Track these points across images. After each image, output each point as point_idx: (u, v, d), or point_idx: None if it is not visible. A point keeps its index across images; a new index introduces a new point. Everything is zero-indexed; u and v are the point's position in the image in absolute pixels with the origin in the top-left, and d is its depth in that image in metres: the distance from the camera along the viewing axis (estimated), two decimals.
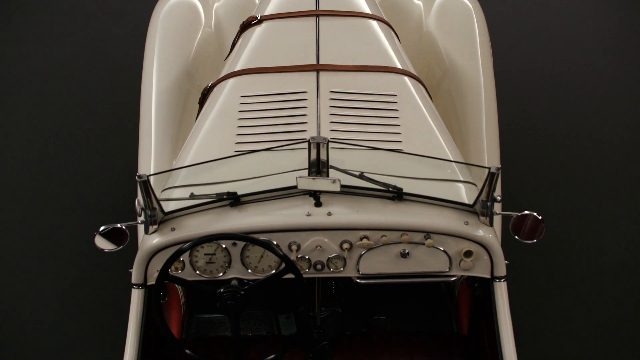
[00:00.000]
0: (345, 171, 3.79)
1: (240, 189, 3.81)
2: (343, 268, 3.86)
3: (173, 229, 3.77)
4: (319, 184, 3.67)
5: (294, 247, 3.77)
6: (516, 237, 3.81)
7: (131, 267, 3.83)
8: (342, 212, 3.76)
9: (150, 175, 3.63)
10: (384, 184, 3.79)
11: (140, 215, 3.76)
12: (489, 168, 3.59)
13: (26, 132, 7.01)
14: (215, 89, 4.82)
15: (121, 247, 3.80)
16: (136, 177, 3.55)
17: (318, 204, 3.77)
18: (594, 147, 6.85)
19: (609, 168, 6.68)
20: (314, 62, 4.74)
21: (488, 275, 3.88)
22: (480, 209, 3.76)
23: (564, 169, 6.67)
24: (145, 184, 3.57)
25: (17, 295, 5.87)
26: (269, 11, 5.29)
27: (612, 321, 5.70)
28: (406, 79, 4.77)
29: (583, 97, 7.28)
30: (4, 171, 6.69)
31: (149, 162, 4.69)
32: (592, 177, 6.61)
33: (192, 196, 3.80)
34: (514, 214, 3.75)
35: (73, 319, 5.72)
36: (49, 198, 6.47)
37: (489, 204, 3.71)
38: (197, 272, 3.81)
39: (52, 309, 5.79)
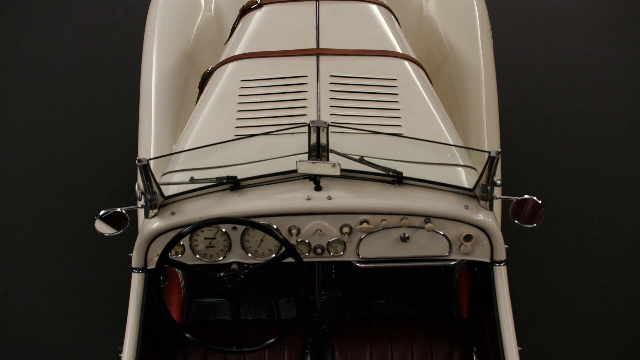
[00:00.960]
0: (345, 155, 3.79)
1: (240, 173, 3.81)
2: (343, 252, 3.87)
3: (173, 213, 3.77)
4: (319, 167, 3.67)
5: (294, 231, 3.78)
6: (516, 221, 3.81)
7: (131, 252, 3.84)
8: (342, 196, 3.76)
9: (150, 159, 3.63)
10: (384, 168, 3.79)
11: (140, 200, 3.76)
12: (489, 152, 3.58)
13: (26, 117, 7.00)
14: (215, 74, 4.82)
15: (121, 231, 3.79)
16: (136, 161, 3.55)
17: (318, 188, 3.77)
18: (594, 131, 6.84)
19: (609, 152, 6.68)
20: (314, 46, 4.73)
21: (488, 260, 3.88)
22: (480, 193, 3.76)
23: (564, 153, 6.67)
24: (145, 168, 3.57)
25: (16, 280, 5.87)
26: None
27: (612, 305, 5.71)
28: (406, 63, 4.77)
29: (583, 81, 7.28)
30: (3, 155, 6.69)
31: (148, 146, 4.68)
32: (592, 162, 6.61)
33: (192, 180, 3.80)
34: (514, 198, 3.76)
35: (73, 304, 5.72)
36: (49, 182, 6.47)
37: (488, 188, 3.71)
38: (197, 256, 3.82)
39: (52, 293, 5.79)
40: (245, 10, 5.26)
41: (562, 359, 5.42)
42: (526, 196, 3.75)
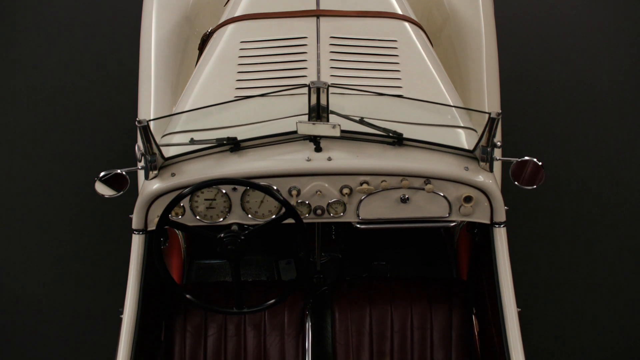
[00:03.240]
0: (345, 116, 3.79)
1: (240, 134, 3.81)
2: (343, 213, 3.87)
3: (173, 175, 3.77)
4: (319, 129, 3.67)
5: (294, 192, 3.78)
6: (516, 183, 3.81)
7: (131, 213, 3.84)
8: (342, 157, 3.76)
9: (150, 120, 3.62)
10: (384, 129, 3.79)
11: (140, 161, 3.76)
12: (489, 113, 3.58)
13: (26, 80, 6.98)
14: (214, 35, 4.80)
15: (121, 192, 3.80)
16: (136, 123, 3.54)
17: (318, 149, 3.77)
18: (595, 93, 6.82)
19: (609, 114, 6.67)
20: (314, 7, 4.71)
21: (487, 221, 3.89)
22: (480, 155, 3.76)
23: (565, 115, 6.66)
24: (145, 129, 3.56)
25: (16, 243, 5.89)
26: None
27: (612, 266, 5.72)
28: (407, 24, 4.75)
29: (584, 43, 7.24)
30: (3, 117, 6.68)
31: (148, 108, 4.68)
32: (592, 123, 6.60)
33: (192, 141, 3.79)
34: (514, 159, 3.76)
35: (73, 266, 5.74)
36: (49, 144, 6.46)
37: (489, 149, 3.71)
38: (198, 217, 3.82)
39: (52, 256, 5.81)
40: None
41: (561, 320, 5.44)
42: (526, 158, 3.75)
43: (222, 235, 3.58)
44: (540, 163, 3.75)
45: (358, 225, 3.94)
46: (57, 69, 7.04)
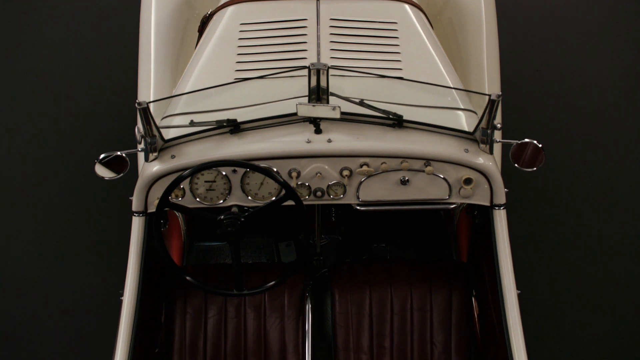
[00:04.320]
0: (345, 98, 3.78)
1: (240, 116, 3.81)
2: (343, 195, 3.87)
3: (173, 157, 3.77)
4: (319, 110, 3.67)
5: (294, 174, 3.78)
6: (516, 165, 3.81)
7: (131, 195, 3.84)
8: (342, 139, 3.76)
9: (150, 102, 3.62)
10: (384, 111, 3.78)
11: (140, 143, 3.76)
12: (490, 95, 3.57)
13: (26, 62, 6.97)
14: (214, 17, 4.79)
15: (121, 175, 3.80)
16: (136, 104, 3.53)
17: (318, 131, 3.77)
18: (596, 76, 6.82)
19: (609, 96, 6.66)
20: None
21: (487, 203, 3.89)
22: (480, 137, 3.76)
23: (565, 97, 6.65)
24: (145, 111, 3.55)
25: (16, 225, 5.89)
26: None
27: (613, 249, 5.73)
28: (407, 7, 4.74)
29: (586, 25, 7.23)
30: (2, 99, 6.67)
31: (148, 90, 4.67)
32: (592, 106, 6.59)
33: (192, 123, 3.79)
34: (514, 141, 3.75)
35: (74, 248, 5.75)
36: (49, 127, 6.45)
37: (489, 131, 3.70)
38: (197, 199, 3.83)
39: (52, 238, 5.81)
40: None
41: (561, 302, 5.45)
42: (526, 140, 3.75)
43: (222, 217, 3.58)
44: (540, 145, 3.74)
45: (358, 207, 3.94)
46: (56, 51, 7.02)
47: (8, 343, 5.35)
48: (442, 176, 3.81)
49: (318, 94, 3.70)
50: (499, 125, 3.68)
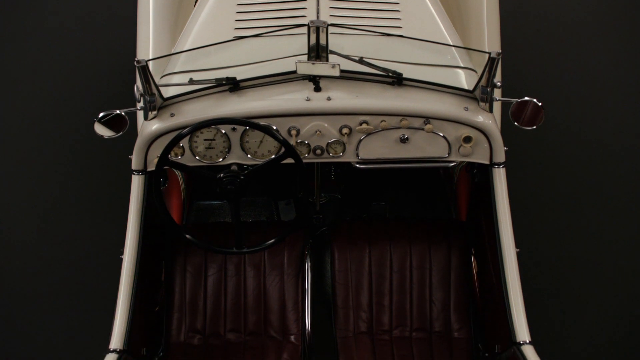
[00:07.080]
0: (345, 56, 3.77)
1: (240, 74, 3.80)
2: (342, 153, 3.87)
3: (172, 115, 3.76)
4: (319, 68, 3.65)
5: (293, 132, 3.78)
6: (516, 123, 3.81)
7: (131, 154, 3.84)
8: (341, 97, 3.75)
9: (149, 60, 3.60)
10: (383, 69, 3.78)
11: (139, 102, 3.76)
12: (489, 53, 3.56)
13: (24, 22, 6.94)
14: None
15: (120, 133, 3.80)
16: (134, 62, 3.52)
17: (317, 88, 3.76)
18: (597, 34, 6.79)
19: (611, 54, 6.63)
20: None
21: (487, 162, 3.89)
22: (480, 95, 3.75)
23: (566, 55, 6.62)
24: (144, 69, 3.54)
25: (15, 184, 5.89)
26: None
27: (612, 207, 5.73)
28: None
29: None
30: (2, 57, 6.66)
31: (147, 48, 4.66)
32: (593, 64, 6.57)
33: (191, 81, 3.78)
34: (514, 100, 3.75)
35: (73, 207, 5.75)
36: (48, 85, 6.43)
37: (488, 89, 3.69)
38: (197, 157, 3.82)
39: (52, 197, 5.81)
40: None
41: (559, 260, 5.46)
42: (526, 98, 3.75)
43: (221, 175, 3.58)
44: (540, 104, 3.74)
45: (357, 165, 3.94)
46: (56, 10, 6.99)
47: (8, 300, 5.38)
48: (441, 134, 3.81)
49: (317, 52, 3.69)
50: (498, 84, 3.68)
